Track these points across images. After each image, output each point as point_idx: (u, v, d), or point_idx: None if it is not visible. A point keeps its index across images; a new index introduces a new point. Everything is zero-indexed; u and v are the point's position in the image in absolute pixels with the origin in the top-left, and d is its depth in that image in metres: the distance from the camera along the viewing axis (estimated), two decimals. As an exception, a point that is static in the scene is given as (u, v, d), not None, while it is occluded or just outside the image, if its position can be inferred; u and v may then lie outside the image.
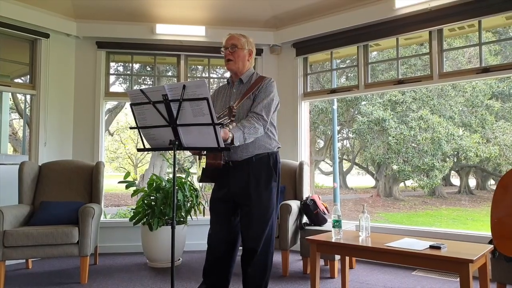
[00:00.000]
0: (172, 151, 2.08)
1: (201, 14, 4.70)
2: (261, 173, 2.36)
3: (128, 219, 4.20)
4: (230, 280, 2.50)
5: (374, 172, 14.82)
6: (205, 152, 2.27)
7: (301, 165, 4.15)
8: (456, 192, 14.30)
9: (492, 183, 14.66)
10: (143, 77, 11.41)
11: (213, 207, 2.49)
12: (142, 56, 5.18)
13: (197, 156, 2.45)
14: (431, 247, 2.31)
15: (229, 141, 2.12)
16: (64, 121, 4.65)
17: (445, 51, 3.99)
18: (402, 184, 14.42)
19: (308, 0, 4.44)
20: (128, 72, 6.52)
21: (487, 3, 3.57)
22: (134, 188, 4.14)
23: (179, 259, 4.14)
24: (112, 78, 9.34)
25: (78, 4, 4.51)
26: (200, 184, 5.06)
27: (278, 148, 2.47)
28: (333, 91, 4.76)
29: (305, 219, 3.88)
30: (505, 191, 2.58)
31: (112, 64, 5.08)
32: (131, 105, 2.11)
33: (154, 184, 4.05)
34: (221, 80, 7.46)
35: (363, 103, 12.48)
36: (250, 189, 2.34)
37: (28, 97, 6.65)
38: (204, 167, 2.29)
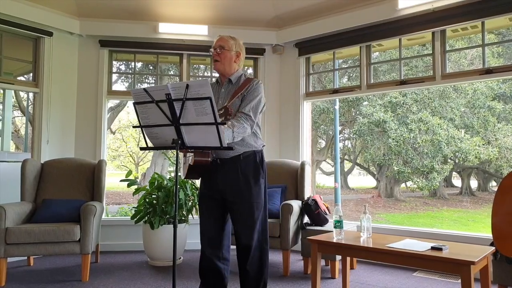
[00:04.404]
0: (174, 150, 2.09)
1: (204, 13, 4.70)
2: (249, 170, 2.39)
3: (129, 217, 4.21)
4: (227, 277, 2.53)
5: (375, 173, 14.81)
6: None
7: (302, 165, 4.15)
8: (458, 193, 14.28)
9: (493, 185, 14.62)
10: (145, 76, 11.42)
11: (202, 204, 2.52)
12: (145, 55, 5.18)
13: (182, 153, 2.46)
14: (433, 248, 2.31)
15: None
16: (67, 119, 4.66)
17: (448, 52, 3.98)
18: (403, 185, 14.40)
19: (311, 0, 4.44)
20: (131, 71, 6.52)
21: (491, 4, 3.56)
22: (136, 186, 4.15)
23: (180, 258, 4.15)
24: (114, 77, 9.36)
25: (82, 3, 4.52)
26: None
27: (263, 146, 2.52)
28: (335, 91, 4.76)
29: (306, 219, 3.88)
30: (506, 193, 2.57)
31: (114, 62, 5.08)
32: (135, 104, 2.12)
33: (156, 182, 4.06)
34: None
35: (364, 103, 12.47)
36: (239, 186, 2.37)
37: (30, 95, 6.66)
38: (190, 164, 2.29)
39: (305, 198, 3.90)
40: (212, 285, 2.48)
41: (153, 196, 4.03)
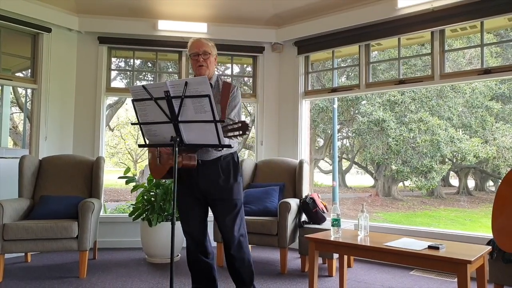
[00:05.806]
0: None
1: (203, 11, 4.70)
2: (229, 169, 2.49)
3: (127, 214, 4.21)
4: (215, 270, 2.62)
5: (373, 172, 14.83)
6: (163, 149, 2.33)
7: (301, 163, 4.16)
8: (455, 192, 14.31)
9: (491, 184, 14.67)
10: (144, 73, 11.39)
11: (183, 204, 2.55)
12: (144, 52, 5.18)
13: (155, 154, 2.48)
14: (430, 247, 2.32)
15: None
16: (65, 115, 4.65)
17: (446, 52, 3.99)
18: (401, 184, 14.43)
19: (310, -2, 4.44)
20: (129, 68, 6.52)
21: (490, 4, 3.57)
22: (134, 183, 4.15)
23: (178, 255, 4.15)
24: (113, 74, 9.34)
25: (81, -1, 4.51)
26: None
27: (237, 148, 2.60)
28: (334, 90, 4.76)
29: (304, 217, 3.89)
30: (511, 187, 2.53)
31: (113, 59, 5.07)
32: (133, 101, 2.12)
33: (154, 180, 4.06)
34: (221, 77, 7.43)
35: (363, 102, 12.48)
36: (222, 184, 2.45)
37: (29, 91, 6.65)
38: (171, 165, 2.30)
39: (303, 197, 3.91)
40: (203, 279, 2.57)
41: (151, 193, 4.03)
